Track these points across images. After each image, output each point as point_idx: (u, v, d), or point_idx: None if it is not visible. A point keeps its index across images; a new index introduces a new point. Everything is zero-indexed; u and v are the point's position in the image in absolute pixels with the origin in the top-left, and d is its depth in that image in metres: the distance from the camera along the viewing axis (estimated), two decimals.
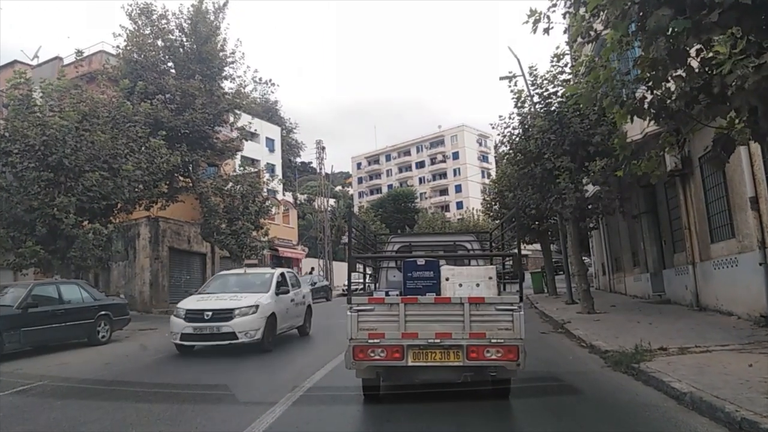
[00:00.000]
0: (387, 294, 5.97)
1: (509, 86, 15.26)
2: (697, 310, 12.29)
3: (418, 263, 6.11)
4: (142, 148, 17.28)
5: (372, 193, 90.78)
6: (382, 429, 5.49)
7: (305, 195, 59.71)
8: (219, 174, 25.43)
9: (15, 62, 24.73)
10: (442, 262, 6.27)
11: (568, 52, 14.58)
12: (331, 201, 55.39)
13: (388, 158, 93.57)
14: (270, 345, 10.58)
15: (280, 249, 37.20)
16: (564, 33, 12.51)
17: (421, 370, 5.56)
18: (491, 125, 17.54)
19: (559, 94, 14.14)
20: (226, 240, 23.18)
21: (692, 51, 4.72)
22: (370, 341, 5.46)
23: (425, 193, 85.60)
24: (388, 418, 5.64)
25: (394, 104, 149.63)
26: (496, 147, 33.14)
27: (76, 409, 6.27)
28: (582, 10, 5.43)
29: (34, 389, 7.60)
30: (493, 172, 46.40)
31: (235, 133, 26.15)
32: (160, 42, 22.79)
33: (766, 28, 4.24)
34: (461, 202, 78.83)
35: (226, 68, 23.94)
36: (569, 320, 12.55)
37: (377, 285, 7.74)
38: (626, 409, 5.66)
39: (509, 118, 16.30)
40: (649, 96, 5.41)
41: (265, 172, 31.65)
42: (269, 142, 47.99)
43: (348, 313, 5.58)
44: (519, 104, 15.44)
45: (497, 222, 17.88)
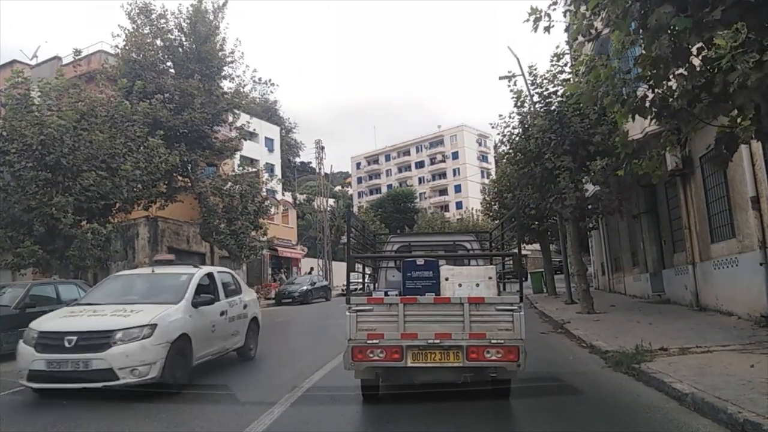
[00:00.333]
0: (386, 294, 5.94)
1: (509, 86, 15.21)
2: (697, 310, 12.26)
3: (418, 263, 6.07)
4: (141, 147, 17.19)
5: (371, 193, 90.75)
6: (381, 430, 5.46)
7: (304, 195, 59.64)
8: (218, 174, 25.42)
9: (14, 62, 24.68)
10: (441, 262, 6.22)
11: (568, 51, 14.54)
12: (331, 201, 55.33)
13: (387, 158, 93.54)
14: (181, 379, 6.96)
15: (279, 249, 37.21)
16: (564, 32, 12.46)
17: (421, 371, 5.51)
18: (491, 125, 17.55)
19: (559, 93, 14.12)
20: (225, 240, 23.20)
21: (693, 49, 4.69)
22: (369, 342, 5.41)
23: (425, 193, 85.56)
24: (387, 418, 5.61)
25: (394, 104, 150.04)
26: (495, 147, 33.11)
27: (75, 409, 6.22)
28: (583, 8, 5.41)
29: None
30: (493, 172, 46.39)
31: (234, 133, 26.14)
32: (159, 41, 22.79)
33: None
34: (461, 202, 78.78)
35: (225, 68, 23.97)
36: (569, 320, 12.51)
37: (376, 285, 7.69)
38: (627, 409, 5.63)
39: (509, 117, 16.33)
40: (650, 94, 5.38)
41: (264, 171, 31.62)
42: (268, 141, 47.92)
43: (347, 314, 5.54)
44: (519, 104, 15.40)
45: (497, 222, 17.84)
